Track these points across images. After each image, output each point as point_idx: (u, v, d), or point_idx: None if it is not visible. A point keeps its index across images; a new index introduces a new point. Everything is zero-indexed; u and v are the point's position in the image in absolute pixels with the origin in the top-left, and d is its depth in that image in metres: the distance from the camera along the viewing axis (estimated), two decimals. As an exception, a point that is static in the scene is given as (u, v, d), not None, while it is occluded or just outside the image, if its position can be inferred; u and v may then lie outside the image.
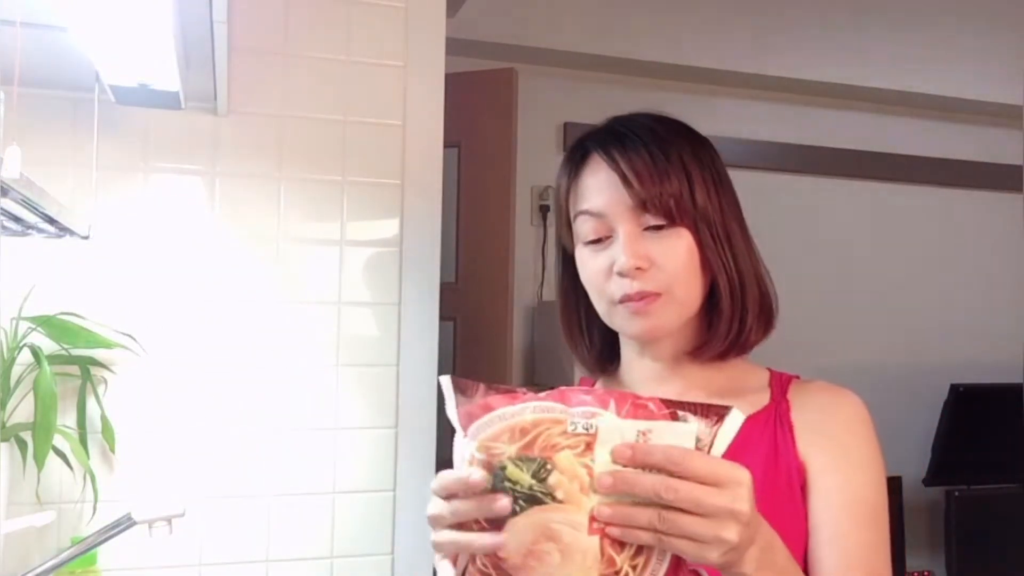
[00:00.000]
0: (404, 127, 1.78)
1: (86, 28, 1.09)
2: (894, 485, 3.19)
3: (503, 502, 0.64)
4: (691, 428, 0.66)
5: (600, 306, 0.95)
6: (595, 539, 0.64)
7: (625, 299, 0.90)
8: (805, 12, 3.22)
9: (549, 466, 0.64)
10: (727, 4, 3.12)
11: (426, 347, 1.77)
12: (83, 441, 1.50)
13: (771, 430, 0.93)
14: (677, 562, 0.66)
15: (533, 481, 0.65)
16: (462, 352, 2.77)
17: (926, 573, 3.22)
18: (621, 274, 0.89)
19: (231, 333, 1.66)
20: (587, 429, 0.65)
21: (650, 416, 0.66)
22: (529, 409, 0.67)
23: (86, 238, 1.38)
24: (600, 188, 0.92)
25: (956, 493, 3.21)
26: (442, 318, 1.80)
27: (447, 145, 1.83)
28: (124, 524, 1.31)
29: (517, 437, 0.66)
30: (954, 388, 3.26)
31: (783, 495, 0.89)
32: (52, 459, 1.42)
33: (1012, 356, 2.47)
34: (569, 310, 1.02)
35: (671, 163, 0.91)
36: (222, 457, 1.65)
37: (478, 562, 0.67)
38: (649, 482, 0.63)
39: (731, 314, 0.93)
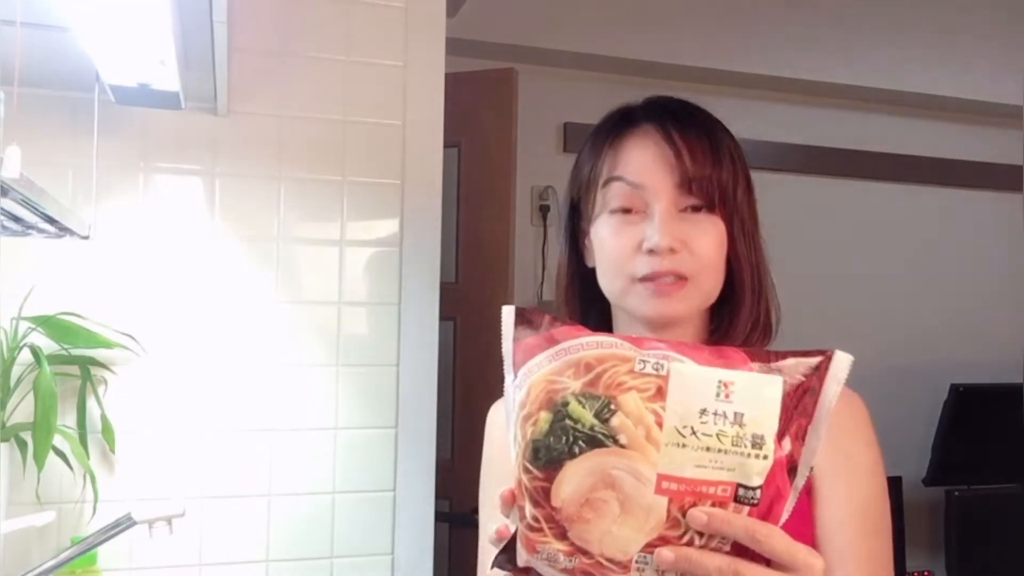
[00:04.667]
0: (404, 127, 1.78)
1: (86, 28, 1.10)
2: (894, 485, 3.18)
3: None
4: (778, 381, 0.60)
5: (615, 283, 0.89)
6: (663, 500, 0.58)
7: (652, 276, 0.86)
8: (806, 12, 3.22)
9: (613, 406, 0.59)
10: (727, 4, 3.12)
11: (426, 347, 1.77)
12: (83, 441, 1.50)
13: None
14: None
15: (595, 421, 0.59)
16: (462, 352, 2.76)
17: (926, 573, 3.22)
18: (652, 252, 0.85)
19: (231, 333, 1.66)
20: (657, 370, 0.60)
21: (733, 366, 0.61)
22: (596, 343, 0.61)
23: (86, 238, 1.38)
24: (646, 160, 0.88)
25: (956, 493, 3.22)
26: (442, 318, 1.80)
27: (447, 145, 1.83)
28: (124, 524, 1.31)
29: (582, 372, 0.60)
30: (954, 388, 3.26)
31: None
32: (52, 459, 1.42)
33: (1012, 356, 2.47)
34: (571, 283, 0.98)
35: (723, 151, 0.89)
36: (222, 457, 1.65)
37: (528, 517, 0.61)
38: (715, 564, 0.58)
39: (749, 312, 0.91)
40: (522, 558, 0.62)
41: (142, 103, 1.47)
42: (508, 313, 0.65)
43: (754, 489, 0.59)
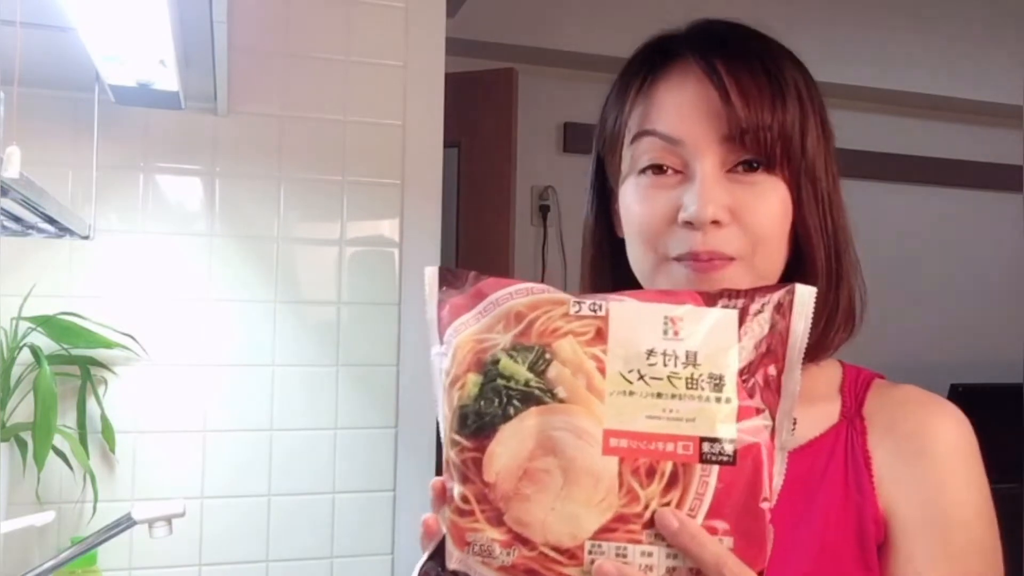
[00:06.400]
0: (404, 127, 1.78)
1: (86, 28, 1.10)
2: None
3: None
4: (732, 314, 0.52)
5: (645, 260, 0.70)
6: (612, 462, 0.49)
7: (689, 256, 0.67)
8: (805, 13, 3.22)
9: (548, 355, 0.51)
10: (726, 4, 3.12)
11: (426, 347, 1.77)
12: (83, 441, 1.50)
13: (841, 460, 0.70)
14: (720, 502, 0.50)
15: (530, 375, 0.51)
16: (462, 352, 2.77)
17: (926, 573, 3.21)
18: (690, 225, 0.66)
19: (231, 333, 1.66)
20: (594, 311, 0.52)
21: (681, 301, 0.53)
22: (526, 290, 0.54)
23: (86, 238, 1.38)
24: (684, 105, 0.68)
25: (956, 493, 3.21)
26: (442, 318, 1.80)
27: (447, 145, 1.83)
28: (124, 524, 1.31)
29: (512, 324, 0.52)
30: (954, 388, 3.26)
31: (853, 553, 0.68)
32: (52, 459, 1.42)
33: (1012, 356, 2.48)
34: (599, 254, 0.79)
35: (787, 89, 0.69)
36: (222, 457, 1.65)
37: (457, 499, 0.52)
38: None
39: (824, 300, 0.68)
40: (452, 557, 0.53)
41: (142, 103, 1.47)
42: (431, 274, 0.58)
43: (721, 442, 0.50)
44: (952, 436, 0.70)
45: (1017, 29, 3.30)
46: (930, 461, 0.69)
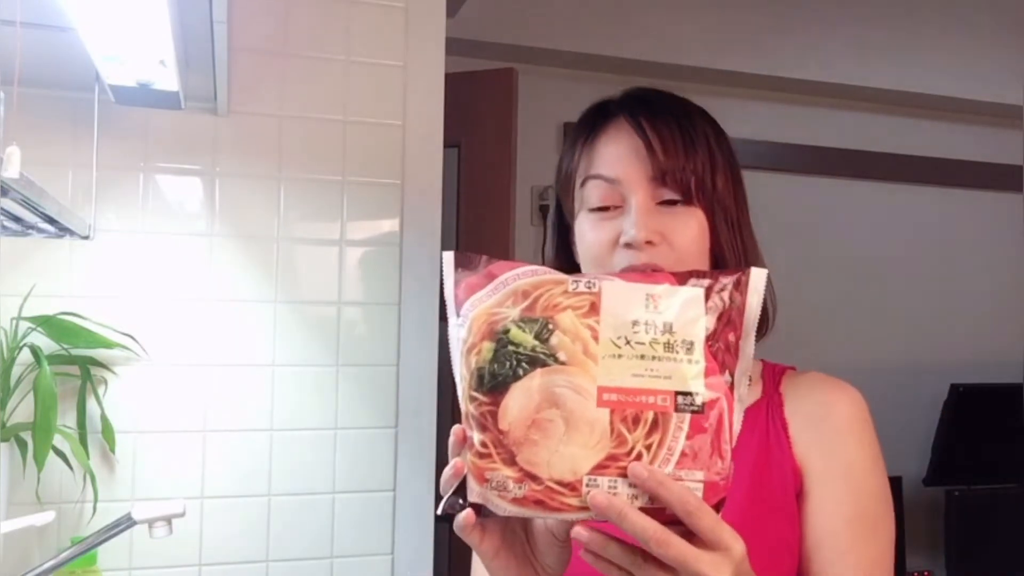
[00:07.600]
0: (404, 127, 1.78)
1: (86, 28, 1.10)
2: (894, 485, 3.17)
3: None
4: (699, 292, 0.63)
5: None
6: (604, 413, 0.60)
7: (629, 270, 0.84)
8: (805, 12, 3.22)
9: (551, 326, 0.62)
10: (727, 4, 3.12)
11: (426, 347, 1.77)
12: (83, 441, 1.50)
13: (763, 426, 0.88)
14: (692, 442, 0.61)
15: (536, 342, 0.61)
16: (462, 352, 2.76)
17: (926, 573, 3.22)
18: (629, 246, 0.85)
19: (231, 333, 1.66)
20: (589, 288, 0.63)
21: (658, 281, 0.64)
22: (531, 271, 0.64)
23: (86, 238, 1.38)
24: (620, 154, 0.88)
25: (956, 493, 3.22)
26: (442, 318, 1.80)
27: (447, 145, 1.83)
28: (124, 524, 1.31)
29: (520, 300, 0.63)
30: (954, 388, 3.26)
31: (776, 498, 0.86)
32: (52, 459, 1.42)
33: (1012, 356, 2.48)
34: None
35: (697, 140, 0.88)
36: (222, 457, 1.65)
37: (477, 444, 0.62)
38: (641, 525, 0.59)
39: None
40: (473, 492, 0.62)
41: (142, 103, 1.47)
42: (448, 258, 0.67)
43: (692, 395, 0.61)
44: (849, 407, 0.89)
45: (1017, 29, 3.30)
46: (832, 425, 0.88)
